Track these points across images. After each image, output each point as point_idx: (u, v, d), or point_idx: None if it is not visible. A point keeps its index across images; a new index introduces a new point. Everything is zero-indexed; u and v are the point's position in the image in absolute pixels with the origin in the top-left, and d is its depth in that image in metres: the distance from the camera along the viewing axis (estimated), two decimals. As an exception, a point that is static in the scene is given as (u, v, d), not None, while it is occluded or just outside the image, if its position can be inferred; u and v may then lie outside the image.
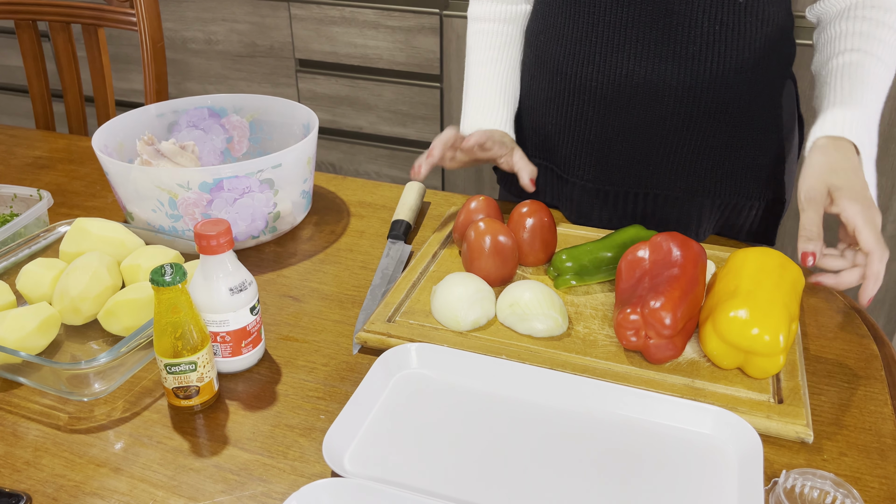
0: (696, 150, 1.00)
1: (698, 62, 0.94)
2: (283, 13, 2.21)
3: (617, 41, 0.96)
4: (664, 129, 0.99)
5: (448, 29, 2.05)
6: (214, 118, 1.17)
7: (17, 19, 1.54)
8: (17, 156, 1.32)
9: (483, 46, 1.11)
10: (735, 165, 1.01)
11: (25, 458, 0.70)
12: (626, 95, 0.98)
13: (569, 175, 1.08)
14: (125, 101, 2.50)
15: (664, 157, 1.01)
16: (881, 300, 1.99)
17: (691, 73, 0.95)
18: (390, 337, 0.82)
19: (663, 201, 1.05)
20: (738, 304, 0.74)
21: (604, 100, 1.00)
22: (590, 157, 1.05)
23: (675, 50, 0.94)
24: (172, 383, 0.73)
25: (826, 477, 0.63)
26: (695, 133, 0.99)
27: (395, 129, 2.26)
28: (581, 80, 1.00)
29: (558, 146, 1.08)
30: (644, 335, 0.76)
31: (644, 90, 0.97)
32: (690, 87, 0.95)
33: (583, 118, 1.02)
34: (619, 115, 0.99)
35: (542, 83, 1.06)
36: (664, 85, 0.96)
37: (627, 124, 1.00)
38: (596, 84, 0.99)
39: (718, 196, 1.03)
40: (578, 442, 0.70)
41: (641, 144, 1.01)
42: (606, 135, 1.02)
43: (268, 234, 1.03)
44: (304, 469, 0.69)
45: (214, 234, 0.73)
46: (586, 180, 1.06)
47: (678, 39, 0.93)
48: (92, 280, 0.84)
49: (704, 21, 0.92)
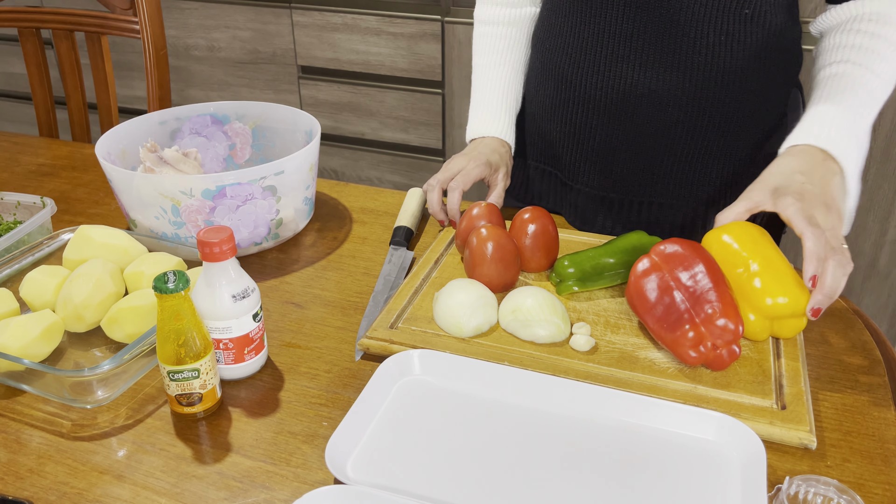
0: (700, 158, 1.00)
1: (703, 72, 0.94)
2: (286, 20, 2.21)
3: (622, 51, 0.96)
4: (668, 138, 0.99)
5: (450, 35, 2.06)
6: (217, 125, 1.18)
7: (21, 27, 1.54)
8: (20, 163, 1.33)
9: (487, 50, 1.12)
10: (739, 174, 1.01)
11: (29, 466, 0.70)
12: (631, 105, 0.98)
13: (573, 182, 1.08)
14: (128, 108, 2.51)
15: (668, 166, 1.01)
16: (884, 305, 1.99)
17: (696, 82, 0.95)
18: (393, 343, 0.82)
19: (668, 209, 1.05)
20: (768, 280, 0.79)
21: (608, 109, 1.00)
22: (594, 164, 1.05)
23: (680, 60, 0.94)
24: (175, 390, 0.73)
25: (830, 483, 0.63)
26: (699, 142, 0.99)
27: (398, 135, 2.26)
28: (586, 88, 1.00)
29: (562, 153, 1.08)
30: (710, 346, 0.76)
31: (648, 100, 0.97)
32: (695, 96, 0.95)
33: (587, 126, 1.03)
34: (624, 123, 1.00)
35: (548, 90, 1.06)
36: (669, 95, 0.96)
37: (632, 133, 1.00)
38: (601, 93, 0.99)
39: (723, 204, 1.03)
40: (581, 448, 0.70)
41: (645, 153, 1.01)
42: (611, 143, 1.02)
43: (270, 240, 1.03)
44: (307, 476, 0.69)
45: (217, 241, 0.73)
46: (590, 187, 1.07)
47: (683, 50, 0.93)
48: (95, 287, 0.84)
49: (710, 32, 0.92)
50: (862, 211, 1.91)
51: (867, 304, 2.00)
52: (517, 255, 0.91)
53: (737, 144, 0.99)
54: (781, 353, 0.80)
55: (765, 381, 0.76)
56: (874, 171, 1.86)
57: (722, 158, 1.00)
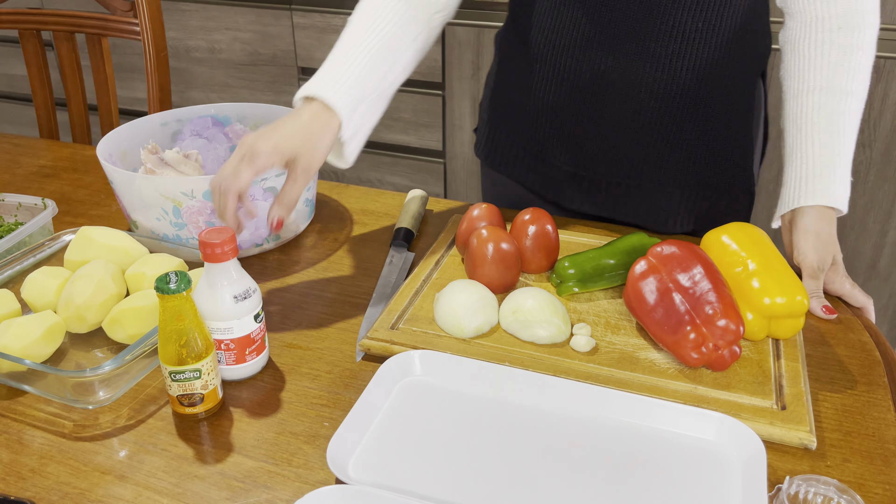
0: (669, 143, 1.01)
1: (677, 60, 0.95)
2: (286, 21, 2.22)
3: (598, 37, 0.96)
4: (638, 122, 1.00)
5: (450, 37, 2.06)
6: (218, 127, 1.18)
7: (22, 29, 1.55)
8: (21, 165, 1.33)
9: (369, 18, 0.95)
10: (707, 158, 1.03)
11: (31, 466, 0.70)
12: (602, 89, 0.99)
13: (543, 154, 1.09)
14: (129, 109, 2.51)
15: (637, 150, 1.02)
16: (885, 307, 1.99)
17: (669, 71, 0.95)
18: (394, 344, 0.82)
19: (635, 191, 1.06)
20: (766, 280, 0.80)
21: (581, 90, 1.01)
22: (564, 142, 1.06)
23: (655, 49, 0.95)
24: (177, 391, 0.73)
25: (830, 483, 0.63)
26: (669, 127, 1.00)
27: (398, 136, 2.26)
28: (560, 69, 1.01)
29: (535, 127, 1.08)
30: (712, 347, 0.76)
31: (621, 86, 0.98)
32: (667, 84, 0.96)
33: (559, 105, 1.04)
34: (595, 106, 1.01)
35: (522, 64, 1.07)
36: (641, 82, 0.97)
37: (602, 115, 1.01)
38: (574, 75, 1.00)
39: (690, 187, 1.04)
40: (581, 448, 0.70)
41: (616, 135, 1.02)
42: (581, 123, 1.03)
43: (271, 242, 1.03)
44: (309, 476, 0.69)
45: (219, 241, 0.73)
46: (561, 162, 1.08)
47: (659, 39, 0.94)
48: (97, 288, 0.84)
49: (688, 19, 0.93)
50: (862, 212, 1.91)
51: (867, 306, 2.00)
52: (518, 256, 0.91)
53: (705, 129, 1.00)
54: (781, 353, 0.80)
55: (765, 381, 0.76)
56: (874, 172, 1.86)
57: (690, 142, 1.01)
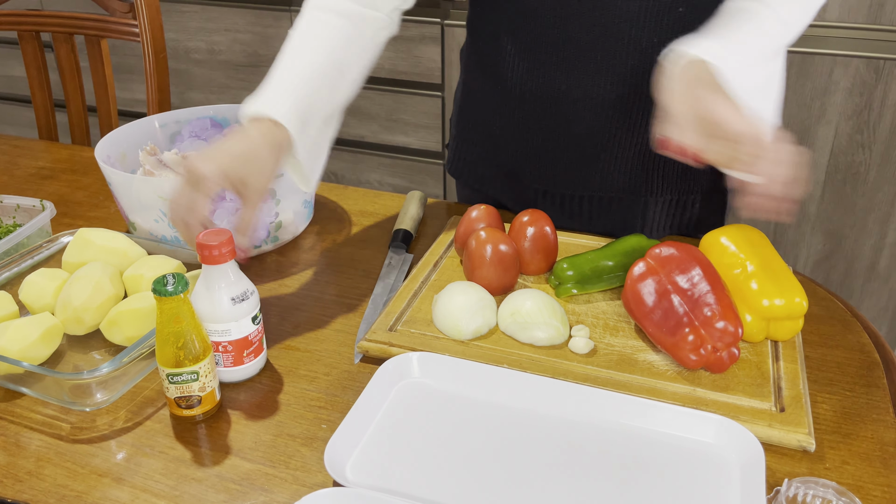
0: (636, 153, 1.02)
1: (638, 74, 0.94)
2: (285, 23, 2.22)
3: (552, 60, 0.97)
4: (603, 136, 1.00)
5: (449, 38, 2.06)
6: (217, 128, 1.18)
7: (21, 30, 1.55)
8: (20, 166, 1.33)
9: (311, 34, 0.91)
10: (675, 165, 1.03)
11: (28, 469, 0.70)
12: (566, 106, 0.99)
13: (516, 173, 1.10)
14: (128, 111, 2.51)
15: (605, 162, 1.03)
16: (884, 308, 1.99)
17: (630, 85, 0.96)
18: (392, 346, 0.82)
19: (608, 202, 1.06)
20: (764, 282, 0.80)
21: (545, 110, 1.01)
22: (533, 160, 1.06)
23: (614, 65, 0.95)
24: (174, 393, 0.73)
25: (828, 485, 0.63)
26: (635, 138, 1.00)
27: (397, 138, 2.26)
28: (521, 91, 1.01)
29: (502, 146, 1.09)
30: (710, 349, 0.76)
31: (583, 104, 0.98)
32: (629, 98, 0.97)
33: (525, 124, 1.04)
34: (560, 123, 1.01)
35: (486, 86, 1.07)
36: (603, 98, 0.97)
37: (569, 132, 1.01)
38: (535, 96, 1.01)
39: (660, 194, 1.05)
40: (580, 451, 0.70)
41: (582, 150, 1.02)
42: (547, 142, 1.03)
43: (270, 243, 1.03)
44: (306, 479, 0.69)
45: (217, 243, 0.73)
46: (531, 180, 1.08)
47: (618, 54, 0.94)
48: (94, 290, 0.84)
49: (644, 35, 0.92)
50: (862, 213, 1.91)
51: (867, 307, 2.00)
52: (516, 257, 0.91)
53: None
54: (780, 355, 0.80)
55: (763, 383, 0.76)
56: (874, 173, 1.86)
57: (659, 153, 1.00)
